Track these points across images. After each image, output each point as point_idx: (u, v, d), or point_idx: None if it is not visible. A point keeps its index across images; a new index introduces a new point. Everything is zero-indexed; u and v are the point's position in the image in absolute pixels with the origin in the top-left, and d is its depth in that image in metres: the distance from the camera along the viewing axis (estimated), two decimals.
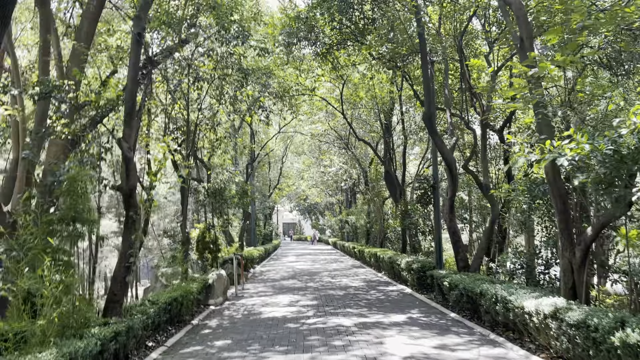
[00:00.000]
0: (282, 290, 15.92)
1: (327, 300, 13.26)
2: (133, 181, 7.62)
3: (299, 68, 19.29)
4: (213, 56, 12.10)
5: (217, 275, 13.66)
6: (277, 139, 41.50)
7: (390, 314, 10.89)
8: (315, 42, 16.93)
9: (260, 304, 13.10)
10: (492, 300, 8.55)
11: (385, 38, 13.05)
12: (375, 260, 21.97)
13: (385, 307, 11.84)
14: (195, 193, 20.05)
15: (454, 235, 12.54)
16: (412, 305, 12.13)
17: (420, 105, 18.80)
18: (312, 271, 22.63)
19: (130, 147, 7.60)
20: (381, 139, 25.71)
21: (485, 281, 9.64)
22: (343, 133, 31.70)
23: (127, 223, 7.63)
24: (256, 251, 27.01)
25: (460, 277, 10.78)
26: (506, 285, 8.67)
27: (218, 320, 10.91)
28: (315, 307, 12.05)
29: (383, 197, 28.03)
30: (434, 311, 11.30)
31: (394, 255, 18.49)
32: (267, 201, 43.92)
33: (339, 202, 52.56)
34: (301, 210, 72.80)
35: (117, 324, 6.76)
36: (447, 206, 12.59)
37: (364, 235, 33.79)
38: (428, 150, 25.86)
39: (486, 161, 12.22)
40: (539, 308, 6.92)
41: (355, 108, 23.33)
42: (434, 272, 12.66)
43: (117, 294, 7.41)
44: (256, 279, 20.21)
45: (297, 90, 21.04)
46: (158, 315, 8.28)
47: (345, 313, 11.12)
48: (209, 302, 13.11)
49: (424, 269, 14.23)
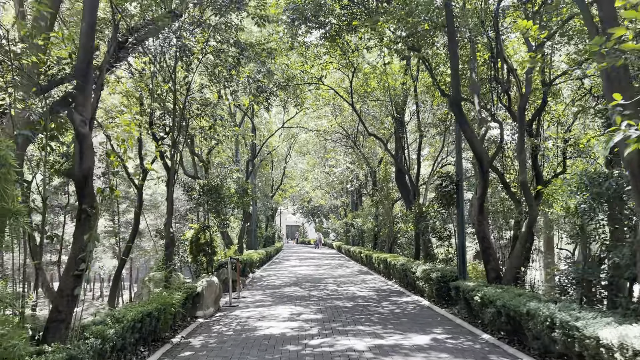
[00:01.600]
0: (282, 299, 14.13)
1: (333, 313, 11.46)
2: (88, 164, 5.86)
3: (305, 54, 17.50)
4: (205, 28, 10.33)
5: (208, 282, 11.88)
6: (281, 137, 39.77)
7: (409, 334, 9.08)
8: (323, 24, 15.19)
9: (256, 316, 11.31)
10: (545, 324, 6.73)
11: (404, 12, 11.26)
12: (384, 267, 20.15)
13: (403, 325, 10.02)
14: (190, 190, 18.34)
15: (484, 241, 10.71)
16: (434, 322, 10.32)
17: (439, 96, 17.00)
18: (316, 277, 20.82)
19: (84, 121, 5.85)
20: (392, 136, 23.88)
21: (532, 298, 7.82)
22: (350, 131, 29.94)
23: (80, 219, 5.87)
24: (256, 254, 25.20)
25: (496, 291, 8.96)
26: (564, 305, 6.85)
27: (204, 338, 9.12)
28: (320, 323, 10.25)
29: (393, 198, 26.20)
30: (461, 331, 9.48)
31: (407, 262, 16.66)
32: (269, 202, 42.15)
33: (343, 205, 50.78)
34: (305, 213, 71.02)
35: (56, 353, 5.00)
36: (476, 207, 10.76)
37: (370, 240, 31.93)
38: (443, 149, 24.08)
39: (524, 154, 10.39)
40: (625, 341, 5.11)
41: (365, 102, 21.49)
42: (459, 284, 10.84)
43: (62, 311, 5.64)
44: (255, 285, 18.42)
45: (302, 79, 19.25)
46: (122, 336, 6.50)
47: (356, 332, 9.31)
48: (197, 313, 11.33)
49: (445, 278, 12.42)
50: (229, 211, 22.95)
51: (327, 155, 36.05)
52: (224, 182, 17.99)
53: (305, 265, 28.17)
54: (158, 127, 12.09)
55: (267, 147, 35.97)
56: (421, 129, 19.96)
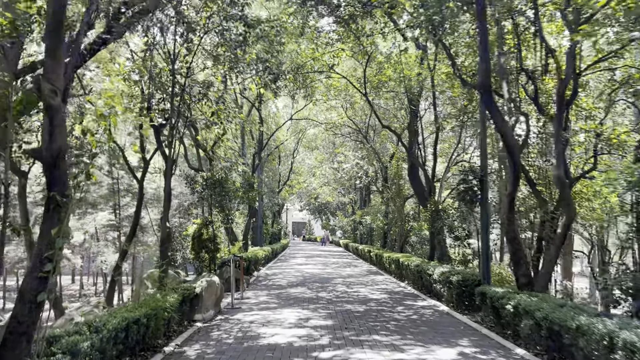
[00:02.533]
0: (288, 301, 13.11)
1: (345, 319, 10.43)
2: (59, 144, 4.85)
3: (315, 40, 16.40)
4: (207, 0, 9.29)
5: (208, 282, 10.88)
6: (289, 130, 38.74)
7: (432, 346, 8.03)
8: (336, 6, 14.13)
9: (260, 321, 10.30)
10: (602, 344, 5.66)
11: None
12: (396, 267, 19.09)
13: (424, 334, 8.97)
14: (193, 183, 17.37)
15: (514, 243, 9.61)
16: (457, 332, 9.25)
17: (459, 86, 15.89)
18: (324, 277, 19.79)
19: (55, 90, 4.84)
20: (404, 131, 22.76)
21: (578, 310, 6.74)
22: (361, 125, 28.85)
23: (48, 208, 4.87)
24: (261, 252, 24.21)
25: (531, 300, 7.88)
26: (623, 322, 5.77)
27: (201, 347, 8.12)
28: (331, 331, 9.21)
29: (404, 195, 25.11)
30: (489, 343, 8.41)
31: (422, 263, 15.59)
32: (276, 197, 41.15)
33: (351, 202, 49.71)
34: (311, 210, 69.97)
35: None
36: (506, 204, 9.64)
37: (380, 238, 30.88)
38: (459, 145, 22.97)
39: (561, 145, 9.27)
40: None
41: (379, 93, 20.35)
42: (485, 290, 9.77)
43: (23, 322, 4.64)
44: (259, 284, 17.43)
45: (312, 68, 18.13)
46: (100, 350, 5.50)
47: (372, 343, 8.26)
48: (196, 316, 10.34)
49: (467, 282, 11.36)
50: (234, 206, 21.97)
51: (336, 150, 34.92)
52: (229, 175, 16.99)
53: (312, 264, 27.15)
54: (156, 113, 11.09)
55: (274, 141, 34.97)
56: (438, 120, 18.81)
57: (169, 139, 9.89)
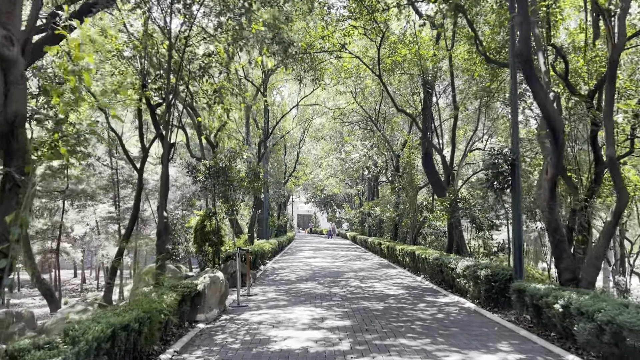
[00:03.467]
0: (299, 298, 12.07)
1: (364, 318, 9.36)
2: (15, 107, 3.77)
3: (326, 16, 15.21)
4: None
5: (211, 278, 9.83)
6: (295, 119, 37.58)
7: (469, 352, 6.95)
8: None
9: (269, 321, 9.25)
10: None
11: None
12: (411, 260, 18.00)
13: (456, 337, 7.88)
14: (195, 172, 16.32)
15: (556, 233, 8.49)
16: (492, 334, 8.17)
17: (480, 63, 14.71)
18: (334, 270, 18.74)
19: (10, 37, 3.75)
20: (418, 116, 21.59)
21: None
22: (371, 112, 27.68)
23: (3, 188, 3.79)
24: (268, 244, 23.16)
25: (584, 299, 6.78)
26: None
27: (203, 354, 7.07)
28: (351, 333, 8.15)
29: (417, 185, 23.98)
30: (533, 347, 7.32)
31: (442, 255, 14.49)
32: (281, 189, 40.08)
33: (358, 193, 48.63)
34: (317, 202, 68.92)
35: None
36: (547, 190, 8.50)
37: (390, 230, 29.75)
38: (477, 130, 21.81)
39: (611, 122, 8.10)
40: None
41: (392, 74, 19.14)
42: (523, 286, 8.67)
43: None
44: (266, 279, 16.39)
45: (322, 48, 16.93)
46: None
47: (400, 348, 7.18)
48: (198, 317, 9.29)
49: (497, 277, 10.28)
50: (238, 197, 20.94)
51: (345, 138, 33.74)
52: (233, 163, 15.91)
53: (320, 257, 26.11)
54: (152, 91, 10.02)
55: (280, 130, 33.87)
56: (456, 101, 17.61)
57: (164, 118, 8.81)
